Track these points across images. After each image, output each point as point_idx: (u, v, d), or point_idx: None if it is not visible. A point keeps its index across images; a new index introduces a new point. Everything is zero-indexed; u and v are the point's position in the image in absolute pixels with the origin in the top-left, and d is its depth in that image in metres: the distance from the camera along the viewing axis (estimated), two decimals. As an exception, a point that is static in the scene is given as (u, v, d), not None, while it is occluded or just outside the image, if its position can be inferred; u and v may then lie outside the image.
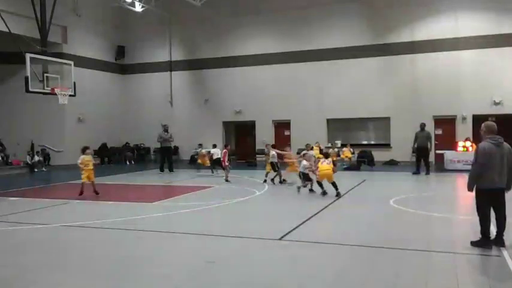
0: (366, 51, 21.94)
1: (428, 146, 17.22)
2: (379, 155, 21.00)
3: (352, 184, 14.21)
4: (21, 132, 22.51)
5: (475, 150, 6.63)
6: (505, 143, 6.56)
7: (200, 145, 21.85)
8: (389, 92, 21.74)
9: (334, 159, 19.76)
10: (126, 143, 26.35)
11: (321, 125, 23.11)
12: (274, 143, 19.40)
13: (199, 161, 19.37)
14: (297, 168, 13.21)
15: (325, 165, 11.58)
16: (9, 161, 21.41)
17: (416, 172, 16.94)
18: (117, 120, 26.30)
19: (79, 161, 12.00)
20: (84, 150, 12.26)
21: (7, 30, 16.82)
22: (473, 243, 6.56)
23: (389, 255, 6.40)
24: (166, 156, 19.13)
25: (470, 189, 6.63)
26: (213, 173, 17.94)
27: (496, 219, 6.57)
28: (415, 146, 17.40)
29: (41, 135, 22.77)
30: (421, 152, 17.12)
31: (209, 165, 18.30)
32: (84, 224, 8.73)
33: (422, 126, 17.50)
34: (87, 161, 12.03)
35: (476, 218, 6.66)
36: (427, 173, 16.86)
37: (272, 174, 14.66)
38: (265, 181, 14.66)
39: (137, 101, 26.68)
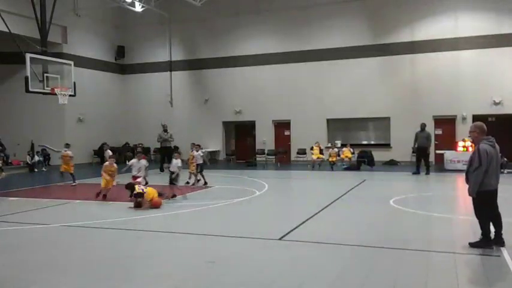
0: (366, 51, 21.92)
1: (428, 146, 17.23)
2: (379, 155, 20.98)
3: (352, 184, 14.21)
4: (21, 132, 22.50)
5: (477, 154, 6.34)
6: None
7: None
8: (389, 92, 21.72)
9: (334, 159, 19.92)
10: (126, 143, 26.32)
11: (321, 125, 23.09)
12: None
13: (62, 168, 14.82)
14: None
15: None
16: (9, 161, 21.39)
17: (416, 172, 16.94)
18: (117, 120, 26.29)
19: None
20: None
21: (7, 30, 16.79)
22: (473, 245, 6.54)
23: (389, 255, 6.40)
24: (166, 156, 19.12)
25: (473, 194, 6.41)
26: (74, 183, 14.77)
27: (493, 219, 6.57)
28: (415, 146, 17.43)
29: (41, 135, 22.76)
30: (421, 152, 17.14)
31: (72, 172, 14.80)
32: (84, 224, 8.73)
33: (423, 126, 17.49)
34: None
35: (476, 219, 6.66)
36: (427, 173, 16.87)
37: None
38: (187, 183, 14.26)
39: (137, 101, 26.67)
